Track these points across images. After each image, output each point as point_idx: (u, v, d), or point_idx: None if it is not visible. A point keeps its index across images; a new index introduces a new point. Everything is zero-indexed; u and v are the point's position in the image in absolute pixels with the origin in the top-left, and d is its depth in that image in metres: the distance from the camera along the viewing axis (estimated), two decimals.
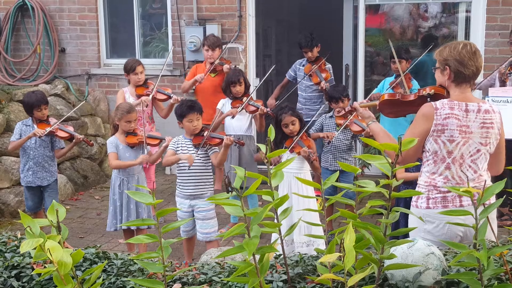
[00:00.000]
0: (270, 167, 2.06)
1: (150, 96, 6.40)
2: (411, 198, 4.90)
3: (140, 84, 6.48)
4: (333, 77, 6.94)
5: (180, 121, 5.14)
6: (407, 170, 5.01)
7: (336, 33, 8.32)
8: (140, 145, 5.35)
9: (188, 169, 5.00)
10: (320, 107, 6.81)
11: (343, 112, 4.25)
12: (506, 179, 2.37)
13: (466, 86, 3.24)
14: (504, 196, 2.61)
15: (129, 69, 6.46)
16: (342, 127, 5.70)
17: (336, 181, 2.18)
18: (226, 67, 6.74)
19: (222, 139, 5.08)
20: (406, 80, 6.33)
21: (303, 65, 7.02)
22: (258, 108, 5.98)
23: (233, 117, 6.01)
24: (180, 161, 5.06)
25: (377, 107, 3.70)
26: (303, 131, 5.18)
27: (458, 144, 3.17)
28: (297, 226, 4.77)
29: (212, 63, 6.85)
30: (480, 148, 3.20)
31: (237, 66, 7.67)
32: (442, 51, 3.28)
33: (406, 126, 5.50)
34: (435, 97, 3.35)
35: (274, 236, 4.85)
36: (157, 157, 5.46)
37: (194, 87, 7.08)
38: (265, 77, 6.69)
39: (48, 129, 5.67)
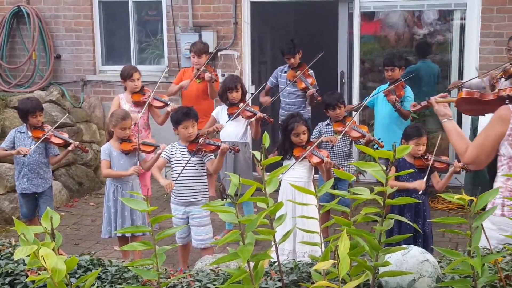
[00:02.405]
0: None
1: (146, 103, 6.40)
2: (405, 205, 4.96)
3: (136, 91, 6.47)
4: (316, 83, 6.98)
5: (176, 127, 5.14)
6: (399, 179, 5.04)
7: (331, 40, 8.34)
8: (135, 152, 5.35)
9: (177, 179, 5.00)
10: (304, 112, 6.83)
11: (419, 106, 4.05)
12: (499, 187, 2.37)
13: None
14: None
15: (126, 76, 6.46)
16: (342, 133, 5.71)
17: (333, 187, 2.18)
18: (207, 75, 6.73)
19: (217, 146, 5.09)
20: (399, 88, 6.35)
21: (285, 72, 7.04)
22: (255, 114, 5.99)
23: (218, 132, 6.04)
24: (174, 168, 5.07)
25: (455, 104, 3.50)
26: (318, 141, 5.20)
27: None
28: (301, 236, 4.80)
29: (198, 69, 6.85)
30: None
31: (233, 73, 7.69)
32: None
33: (399, 133, 5.52)
34: None
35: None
36: (151, 165, 5.45)
37: (180, 92, 7.10)
38: (260, 88, 6.72)
39: (33, 147, 5.64)
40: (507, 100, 3.18)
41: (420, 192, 4.91)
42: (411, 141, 5.03)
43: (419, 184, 4.89)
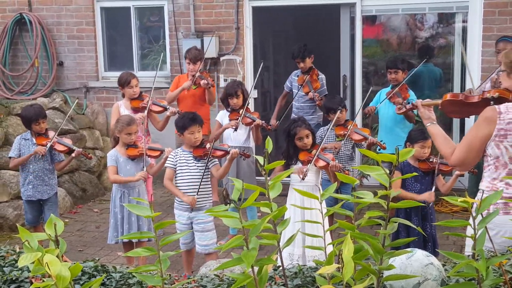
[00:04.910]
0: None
1: (146, 111, 6.37)
2: (411, 209, 4.95)
3: (135, 97, 6.47)
4: (325, 88, 6.96)
5: (181, 133, 5.13)
6: (404, 182, 5.03)
7: (333, 44, 8.34)
8: (141, 157, 5.35)
9: (199, 190, 4.98)
10: (313, 117, 6.82)
11: (404, 109, 4.07)
12: (503, 189, 2.37)
13: None
14: None
15: (124, 83, 6.44)
16: (345, 137, 5.70)
17: (336, 192, 2.17)
18: (203, 82, 6.70)
19: (226, 151, 5.08)
20: (403, 90, 6.34)
21: (297, 76, 7.06)
22: (254, 120, 6.00)
23: (235, 129, 5.99)
24: (178, 174, 5.07)
25: (439, 106, 3.52)
26: (321, 145, 5.17)
27: None
28: (310, 241, 4.77)
29: (194, 76, 6.83)
30: None
31: (235, 79, 7.69)
32: (509, 54, 3.17)
33: (403, 137, 5.51)
34: (499, 100, 3.20)
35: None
36: (158, 170, 5.46)
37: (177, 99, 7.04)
38: (256, 78, 6.70)
39: (49, 144, 5.66)
40: (492, 102, 3.22)
41: (430, 204, 4.93)
42: (416, 144, 5.02)
43: (428, 197, 4.89)
